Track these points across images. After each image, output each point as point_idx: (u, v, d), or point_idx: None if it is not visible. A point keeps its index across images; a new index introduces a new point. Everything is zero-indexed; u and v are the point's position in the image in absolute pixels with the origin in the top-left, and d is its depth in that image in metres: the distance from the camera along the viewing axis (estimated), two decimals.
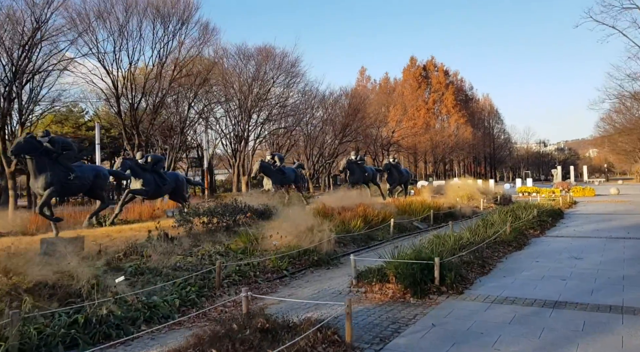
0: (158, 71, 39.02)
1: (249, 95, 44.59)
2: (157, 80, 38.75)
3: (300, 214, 13.03)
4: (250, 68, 46.58)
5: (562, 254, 11.99)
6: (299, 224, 11.86)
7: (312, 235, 11.44)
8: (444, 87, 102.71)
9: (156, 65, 39.15)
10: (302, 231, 11.62)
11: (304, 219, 12.20)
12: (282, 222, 11.93)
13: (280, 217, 12.77)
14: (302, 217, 12.44)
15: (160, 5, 38.56)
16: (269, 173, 19.57)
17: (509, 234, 13.50)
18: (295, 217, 12.35)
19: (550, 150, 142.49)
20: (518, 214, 17.35)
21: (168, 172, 17.02)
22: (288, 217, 12.36)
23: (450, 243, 11.57)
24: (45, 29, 32.12)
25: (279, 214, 14.01)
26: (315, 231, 11.51)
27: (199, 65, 41.89)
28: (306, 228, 11.62)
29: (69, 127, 60.65)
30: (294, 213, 13.39)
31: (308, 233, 11.51)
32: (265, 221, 12.57)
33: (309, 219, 12.16)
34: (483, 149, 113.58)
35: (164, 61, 39.32)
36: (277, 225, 11.81)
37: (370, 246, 13.77)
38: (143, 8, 38.32)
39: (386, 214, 16.26)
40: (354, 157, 23.57)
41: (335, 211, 15.72)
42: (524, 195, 36.20)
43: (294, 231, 11.55)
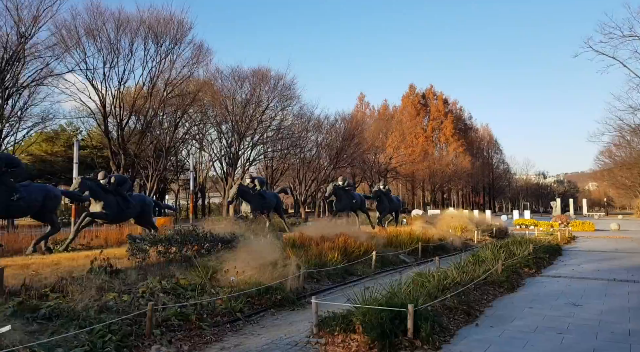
0: (149, 91, 38.10)
1: (242, 116, 43.59)
2: (148, 99, 37.79)
3: (269, 245, 11.71)
4: (245, 90, 45.82)
5: (559, 299, 10.67)
6: (264, 257, 10.57)
7: (278, 270, 10.15)
8: (443, 115, 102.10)
9: (147, 84, 38.28)
10: (267, 264, 10.33)
11: (270, 251, 10.91)
12: (246, 254, 10.62)
13: (247, 247, 11.46)
14: (270, 249, 11.13)
15: (153, 24, 37.84)
16: (248, 197, 18.32)
17: (500, 274, 12.19)
18: (262, 249, 11.04)
19: (549, 182, 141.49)
20: (512, 250, 16.03)
21: (134, 194, 15.77)
22: (254, 249, 11.05)
23: (432, 283, 10.28)
24: (31, 45, 31.29)
25: (248, 243, 12.70)
26: (280, 265, 10.22)
27: (191, 86, 41.07)
28: (271, 262, 10.33)
29: (59, 146, 59.58)
30: (263, 244, 12.08)
31: (273, 267, 10.21)
32: (231, 251, 11.25)
33: (275, 251, 10.86)
34: (482, 179, 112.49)
35: (154, 80, 38.43)
36: (240, 257, 10.50)
37: (347, 282, 12.45)
38: (135, 26, 37.58)
39: (369, 245, 14.96)
40: (341, 182, 22.33)
41: (312, 241, 14.43)
42: (521, 227, 34.90)
43: (258, 264, 10.25)
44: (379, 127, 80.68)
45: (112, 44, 36.40)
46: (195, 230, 12.26)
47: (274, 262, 10.40)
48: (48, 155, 57.72)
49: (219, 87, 44.96)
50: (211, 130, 48.02)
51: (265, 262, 10.39)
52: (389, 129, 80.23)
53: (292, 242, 14.66)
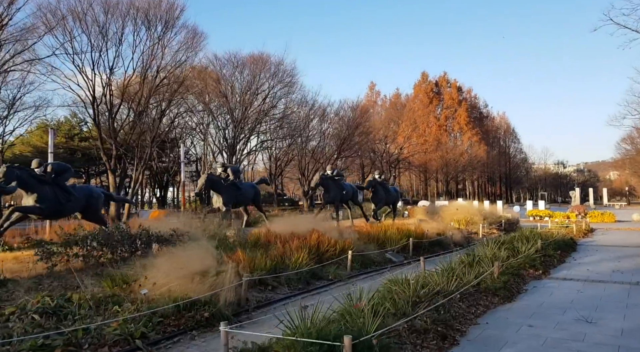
0: (141, 78, 36.23)
1: (241, 103, 41.58)
2: (140, 87, 35.91)
3: (210, 247, 9.67)
4: (244, 76, 43.76)
5: (568, 312, 8.51)
6: (200, 262, 8.55)
7: (210, 278, 8.13)
8: (457, 103, 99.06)
9: (137, 70, 36.37)
10: (200, 271, 8.30)
11: (208, 254, 8.89)
12: (177, 259, 8.60)
13: (182, 250, 9.44)
14: (208, 252, 9.11)
15: (143, 6, 35.79)
16: (219, 189, 16.30)
17: (497, 278, 10.03)
18: (199, 252, 9.01)
19: (569, 171, 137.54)
20: (517, 246, 13.84)
21: (80, 185, 13.86)
22: (188, 252, 9.02)
23: (408, 292, 8.20)
24: (8, 28, 29.60)
25: (189, 244, 10.68)
26: (212, 273, 8.20)
27: (186, 73, 39.12)
28: (202, 269, 8.31)
29: (60, 136, 58.44)
30: (205, 245, 10.04)
31: (204, 276, 8.20)
32: (159, 255, 9.23)
33: (210, 255, 8.84)
34: (498, 169, 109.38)
35: (146, 67, 36.49)
36: (168, 262, 8.47)
37: (312, 289, 10.39)
38: (125, 9, 35.62)
39: (347, 243, 12.86)
40: (330, 171, 20.19)
41: (279, 240, 12.38)
42: (535, 219, 32.46)
43: (188, 272, 8.23)
44: (390, 116, 78.17)
45: (100, 27, 34.49)
46: (120, 228, 10.28)
47: (207, 268, 8.36)
48: (48, 146, 56.59)
49: (216, 74, 42.91)
50: (208, 119, 46.08)
51: (198, 268, 8.36)
52: (401, 118, 77.63)
53: (256, 240, 12.65)
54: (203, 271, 8.28)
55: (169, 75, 36.87)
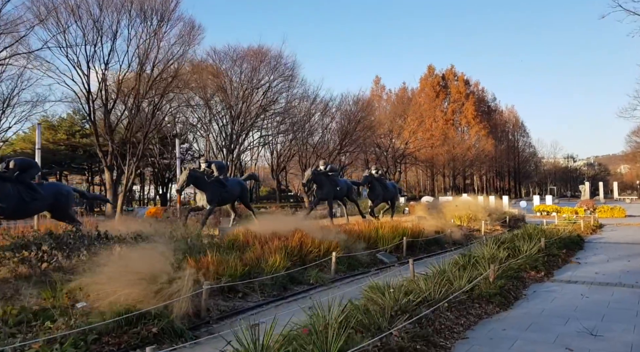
0: (137, 72, 35.41)
1: (239, 98, 40.65)
2: (137, 81, 35.09)
3: (173, 251, 8.76)
4: (244, 70, 42.76)
5: (570, 322, 7.52)
6: (155, 267, 7.63)
7: (165, 286, 7.22)
8: (464, 97, 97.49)
9: (132, 65, 35.57)
10: (154, 278, 7.39)
11: (166, 259, 7.97)
12: (129, 264, 7.69)
13: (139, 253, 8.51)
14: (168, 256, 8.19)
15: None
16: (202, 185, 15.39)
17: (492, 283, 9.04)
18: (159, 255, 8.09)
19: (578, 165, 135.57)
20: (518, 245, 12.83)
21: (48, 183, 13.01)
22: (143, 255, 8.09)
23: (387, 302, 7.26)
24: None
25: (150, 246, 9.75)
26: (165, 280, 7.29)
27: (184, 67, 38.25)
28: (157, 275, 7.39)
29: (62, 133, 58.01)
30: (171, 247, 9.12)
31: (155, 283, 7.28)
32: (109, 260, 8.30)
33: (169, 259, 7.92)
34: (507, 163, 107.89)
35: (142, 61, 35.65)
36: (116, 269, 7.56)
37: (288, 295, 9.44)
38: (120, 0, 34.76)
39: (332, 244, 11.91)
40: (323, 167, 19.22)
41: (258, 240, 11.45)
42: (542, 214, 31.29)
43: (138, 278, 7.31)
44: (396, 110, 76.89)
45: (94, 20, 33.68)
46: (76, 231, 9.38)
47: (163, 275, 7.44)
48: (50, 143, 56.29)
49: (214, 67, 41.96)
50: (210, 115, 45.14)
51: (152, 275, 7.44)
52: (406, 112, 76.32)
53: (233, 241, 11.72)
54: (157, 278, 7.35)
55: (165, 70, 36.03)
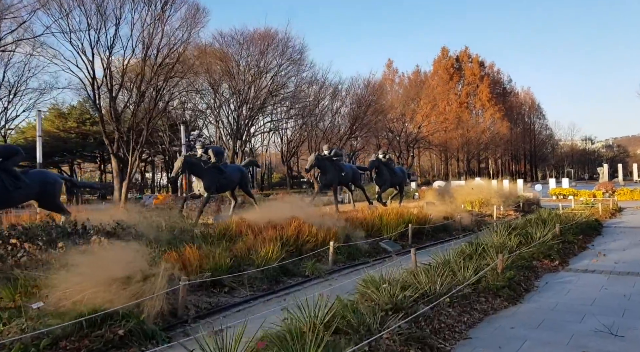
0: (142, 58, 34.81)
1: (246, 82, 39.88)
2: (142, 67, 34.50)
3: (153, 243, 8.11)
4: (252, 54, 41.92)
5: (587, 319, 6.76)
6: (126, 261, 7.00)
7: (134, 283, 6.58)
8: (479, 79, 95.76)
9: (137, 50, 34.95)
10: (124, 274, 6.75)
11: (141, 253, 7.33)
12: (101, 258, 7.07)
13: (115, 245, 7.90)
14: (144, 249, 7.55)
15: None
16: (198, 172, 14.73)
17: (500, 274, 8.28)
18: (133, 249, 7.46)
19: (597, 147, 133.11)
20: (531, 232, 12.03)
21: (33, 170, 12.44)
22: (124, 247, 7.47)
23: (381, 297, 6.56)
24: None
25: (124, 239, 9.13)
26: (138, 278, 6.65)
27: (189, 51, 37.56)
28: (129, 271, 6.75)
29: (72, 121, 57.86)
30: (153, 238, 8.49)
31: (128, 280, 6.65)
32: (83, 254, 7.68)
33: (143, 252, 7.28)
34: (522, 146, 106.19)
35: (147, 45, 35.00)
36: (88, 264, 6.93)
37: (279, 289, 8.75)
38: None
39: (331, 232, 11.21)
40: (327, 151, 18.44)
41: (251, 229, 10.80)
42: (558, 198, 30.27)
43: (109, 274, 6.68)
44: (408, 93, 75.61)
45: (97, 4, 33.07)
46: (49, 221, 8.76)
47: (137, 270, 6.81)
48: (61, 131, 56.25)
49: (221, 51, 41.18)
50: (219, 100, 44.48)
51: (125, 271, 6.81)
52: (419, 96, 75.03)
53: (225, 230, 11.08)
54: (130, 274, 6.72)
55: (170, 54, 35.38)
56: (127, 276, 6.54)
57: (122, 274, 6.57)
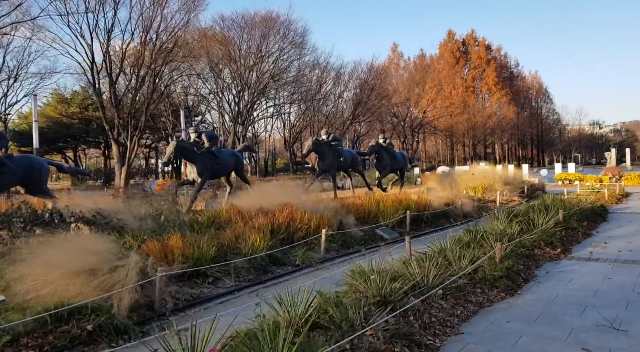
0: (141, 42, 34.32)
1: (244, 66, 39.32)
2: (141, 51, 34.03)
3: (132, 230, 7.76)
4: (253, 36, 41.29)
5: (588, 311, 6.36)
6: (101, 251, 6.65)
7: (104, 275, 6.23)
8: (485, 63, 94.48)
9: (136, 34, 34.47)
10: (99, 265, 6.40)
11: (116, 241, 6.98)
12: (73, 248, 6.71)
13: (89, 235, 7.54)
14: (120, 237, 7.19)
15: None
16: (192, 158, 14.36)
17: (498, 263, 7.88)
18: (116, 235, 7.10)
19: (604, 131, 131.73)
20: (533, 218, 11.60)
21: (18, 155, 12.10)
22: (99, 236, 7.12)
23: (370, 289, 6.18)
24: None
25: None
26: (110, 266, 6.30)
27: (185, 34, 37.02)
28: (101, 260, 6.41)
29: (75, 106, 57.58)
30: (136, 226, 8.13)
31: (104, 269, 6.30)
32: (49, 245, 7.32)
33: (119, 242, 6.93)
34: (529, 131, 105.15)
35: (147, 28, 34.49)
36: (57, 254, 6.57)
37: (267, 279, 8.39)
38: None
39: (324, 219, 10.82)
40: (325, 136, 18.01)
41: (240, 216, 10.43)
42: (564, 183, 29.73)
43: (83, 265, 6.32)
44: (413, 78, 74.71)
45: None
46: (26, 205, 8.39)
47: (112, 261, 6.45)
48: (64, 117, 56.04)
49: (222, 35, 40.57)
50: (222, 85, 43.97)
51: (99, 261, 6.46)
52: (425, 80, 74.13)
53: (214, 218, 10.71)
54: (105, 264, 6.37)
55: (170, 38, 34.88)
56: (98, 267, 6.18)
57: (94, 265, 6.20)
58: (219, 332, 4.50)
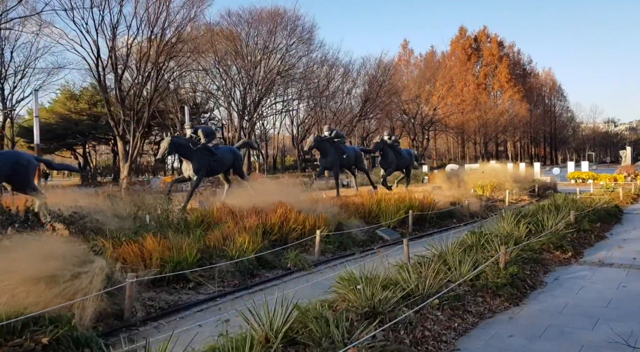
0: (148, 38, 33.98)
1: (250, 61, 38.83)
2: (148, 47, 33.68)
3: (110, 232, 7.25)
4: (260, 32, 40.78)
5: (601, 325, 5.75)
6: (69, 254, 6.15)
7: (64, 283, 5.73)
8: (498, 59, 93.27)
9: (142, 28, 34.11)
10: (64, 270, 5.89)
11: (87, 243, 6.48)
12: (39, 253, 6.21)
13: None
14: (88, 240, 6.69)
15: None
16: (187, 153, 13.84)
17: (502, 269, 7.27)
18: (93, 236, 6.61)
19: (620, 129, 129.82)
20: (542, 219, 10.96)
21: (5, 151, 11.69)
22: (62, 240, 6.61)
23: (358, 300, 5.62)
24: None
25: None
26: (73, 272, 5.79)
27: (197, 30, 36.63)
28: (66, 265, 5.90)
29: (84, 102, 57.42)
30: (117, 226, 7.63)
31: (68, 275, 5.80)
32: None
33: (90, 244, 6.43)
34: (542, 129, 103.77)
35: (152, 23, 34.11)
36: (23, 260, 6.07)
37: (254, 284, 7.83)
38: None
39: (320, 219, 10.26)
40: (327, 132, 17.43)
41: (231, 217, 9.90)
42: (576, 182, 28.90)
43: (48, 270, 5.82)
44: (424, 74, 73.78)
45: None
46: None
47: (78, 265, 5.95)
48: (73, 113, 55.90)
49: (229, 31, 40.10)
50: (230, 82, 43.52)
51: (64, 266, 5.95)
52: (435, 77, 73.15)
53: (202, 218, 10.19)
54: (70, 270, 5.86)
55: (175, 33, 34.50)
56: (60, 273, 5.67)
57: (56, 271, 5.69)
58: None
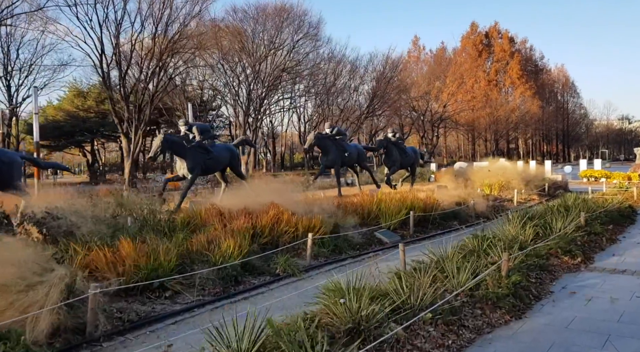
0: (152, 35, 33.56)
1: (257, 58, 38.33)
2: (152, 43, 33.26)
3: None
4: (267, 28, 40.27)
5: (612, 342, 5.17)
6: (29, 262, 5.66)
7: (15, 294, 5.24)
8: (509, 55, 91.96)
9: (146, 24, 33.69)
10: (20, 281, 5.41)
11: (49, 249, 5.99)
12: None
13: None
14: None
15: None
16: (182, 152, 13.34)
17: (504, 278, 6.68)
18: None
19: (634, 126, 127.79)
20: (551, 221, 10.33)
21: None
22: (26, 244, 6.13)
23: (342, 316, 5.07)
24: None
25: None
26: (27, 283, 5.30)
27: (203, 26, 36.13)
28: (24, 275, 5.41)
29: (91, 100, 57.35)
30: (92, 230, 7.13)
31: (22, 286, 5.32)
32: None
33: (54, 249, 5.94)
34: (555, 126, 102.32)
35: (157, 20, 33.68)
36: None
37: (237, 293, 7.30)
38: None
39: (314, 221, 9.71)
40: (328, 130, 16.88)
41: (219, 219, 9.38)
42: (589, 181, 28.10)
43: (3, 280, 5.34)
44: (433, 71, 72.81)
45: None
46: None
47: (36, 275, 5.46)
48: (80, 110, 55.84)
49: (234, 27, 39.58)
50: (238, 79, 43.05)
51: (21, 276, 5.47)
52: (445, 73, 72.16)
53: (188, 220, 9.68)
54: (26, 280, 5.38)
55: (180, 30, 34.03)
56: (12, 282, 5.18)
57: (8, 281, 5.20)
58: None
